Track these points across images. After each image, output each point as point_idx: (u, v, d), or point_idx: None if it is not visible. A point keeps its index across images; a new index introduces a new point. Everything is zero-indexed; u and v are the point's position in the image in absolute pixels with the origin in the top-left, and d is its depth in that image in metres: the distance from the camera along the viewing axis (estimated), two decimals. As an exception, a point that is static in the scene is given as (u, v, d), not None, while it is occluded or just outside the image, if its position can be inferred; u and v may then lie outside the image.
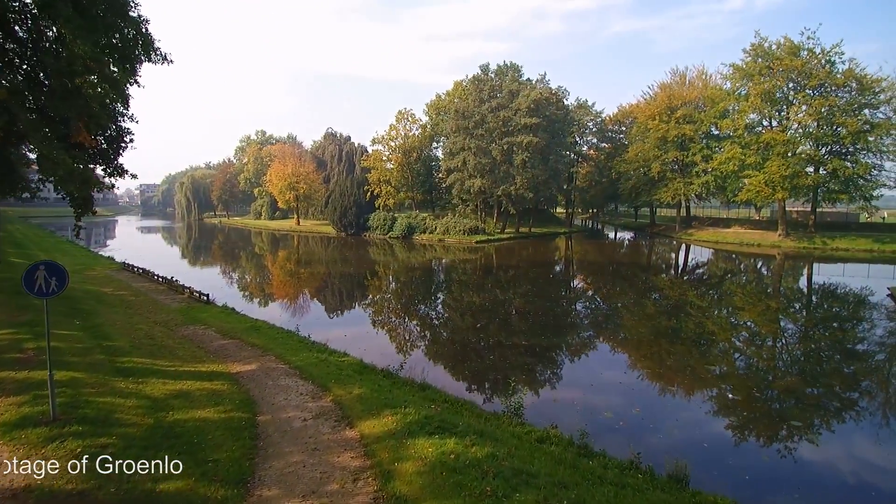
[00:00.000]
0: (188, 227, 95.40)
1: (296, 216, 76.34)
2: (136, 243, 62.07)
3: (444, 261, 42.94)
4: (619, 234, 71.42)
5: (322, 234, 64.76)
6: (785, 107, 49.67)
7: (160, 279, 24.12)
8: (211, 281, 29.27)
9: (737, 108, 51.49)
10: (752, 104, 48.49)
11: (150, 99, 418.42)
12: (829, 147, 48.26)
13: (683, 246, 53.60)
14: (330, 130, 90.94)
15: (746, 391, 12.94)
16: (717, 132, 56.83)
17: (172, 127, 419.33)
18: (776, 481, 8.54)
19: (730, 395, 12.62)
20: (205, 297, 19.80)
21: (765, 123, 52.05)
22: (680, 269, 40.27)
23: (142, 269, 27.08)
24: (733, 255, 47.04)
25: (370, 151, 67.10)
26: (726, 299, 26.57)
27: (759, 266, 41.19)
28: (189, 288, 21.23)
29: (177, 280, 23.16)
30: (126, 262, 30.01)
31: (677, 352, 16.51)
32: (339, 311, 22.81)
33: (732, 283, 32.71)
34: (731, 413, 11.66)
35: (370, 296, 27.03)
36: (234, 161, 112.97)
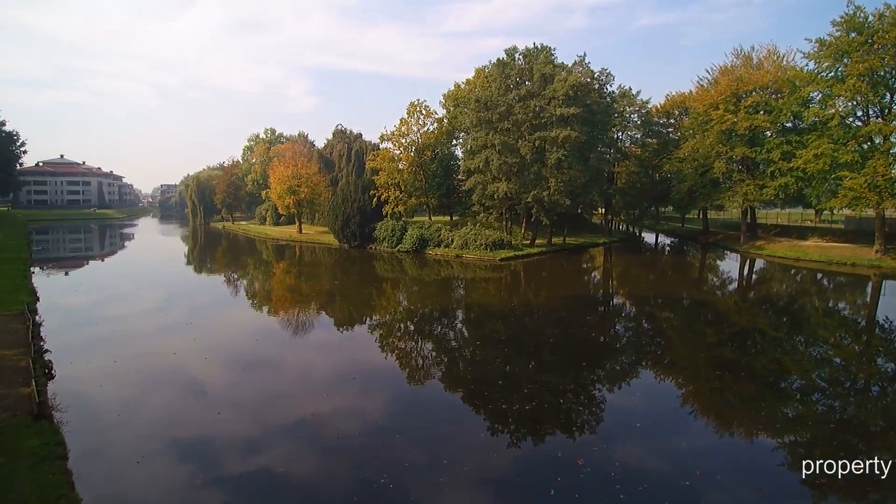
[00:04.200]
0: (193, 232, 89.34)
1: (297, 223, 68.48)
2: (109, 262, 55.41)
3: (459, 291, 34.25)
4: (668, 244, 61.47)
5: (323, 244, 56.78)
6: (888, 93, 39.56)
7: (30, 348, 16.08)
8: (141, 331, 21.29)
9: (828, 92, 41.43)
10: (852, 88, 38.38)
11: (175, 97, 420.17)
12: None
13: (758, 263, 43.69)
14: (340, 127, 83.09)
15: None
16: (790, 124, 46.77)
17: (196, 127, 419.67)
18: None
19: None
20: (35, 410, 11.53)
21: (859, 113, 41.98)
22: (791, 305, 30.55)
23: (31, 322, 19.15)
24: (832, 279, 37.25)
25: (380, 149, 58.69)
26: None
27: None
28: (34, 382, 12.98)
29: (46, 353, 15.14)
30: (28, 305, 22.16)
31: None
32: (279, 411, 14.11)
33: None
34: None
35: (341, 371, 17.94)
36: (242, 161, 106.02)
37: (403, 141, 53.21)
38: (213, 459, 10.70)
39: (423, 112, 52.91)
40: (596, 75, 46.56)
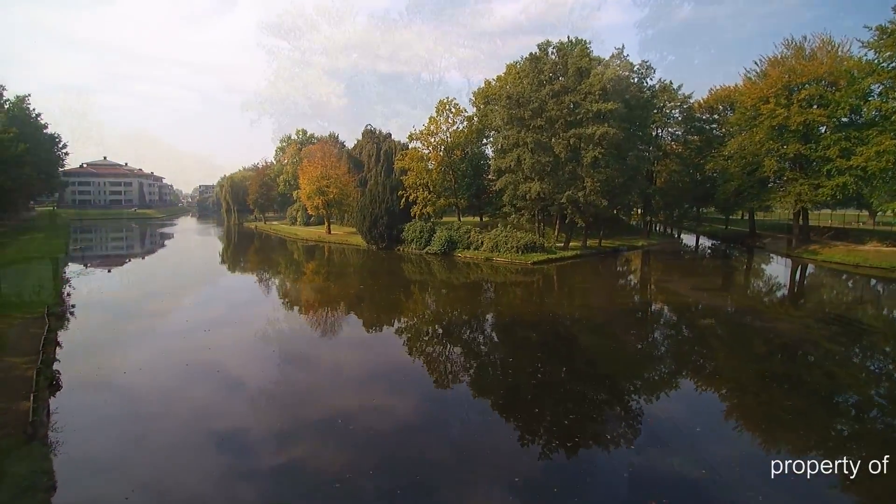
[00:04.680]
0: (227, 232, 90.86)
1: (326, 223, 68.26)
2: (143, 262, 56.04)
3: (489, 294, 32.71)
4: (711, 248, 58.13)
5: (351, 245, 56.12)
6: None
7: (39, 356, 15.53)
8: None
9: (890, 84, 38.07)
10: (920, 77, 35.22)
11: (214, 101, 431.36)
12: None
13: (814, 269, 40.56)
14: (369, 127, 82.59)
15: None
16: (846, 119, 43.26)
17: (233, 129, 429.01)
18: None
19: None
20: (29, 430, 10.77)
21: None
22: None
23: (47, 326, 18.75)
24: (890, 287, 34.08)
25: (408, 149, 57.64)
26: None
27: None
28: (32, 397, 12.26)
29: (56, 362, 14.52)
30: (49, 308, 21.85)
31: None
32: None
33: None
34: None
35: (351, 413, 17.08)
36: (274, 162, 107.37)
37: (432, 140, 51.99)
38: (209, 498, 9.58)
39: (453, 110, 51.56)
40: (635, 68, 44.18)
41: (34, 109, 64.07)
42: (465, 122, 52.80)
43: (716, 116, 56.49)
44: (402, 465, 10.61)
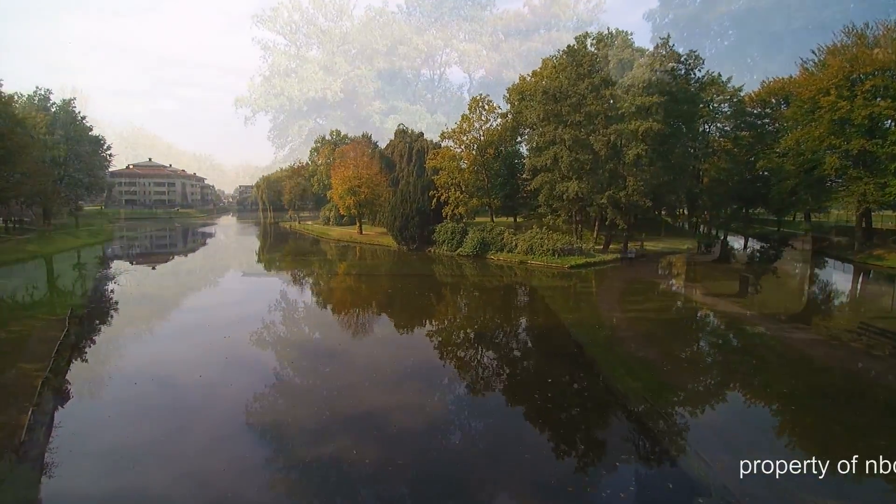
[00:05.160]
0: (262, 232, 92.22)
1: (358, 224, 67.83)
2: (177, 262, 56.69)
3: (523, 298, 31.07)
4: (763, 251, 54.33)
5: (382, 246, 55.37)
6: None
7: (48, 364, 14.99)
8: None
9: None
10: None
11: (254, 104, 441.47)
12: None
13: (881, 276, 37.08)
14: (401, 127, 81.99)
15: None
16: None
17: (271, 131, 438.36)
18: None
19: None
20: (21, 451, 9.99)
21: None
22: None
23: (65, 331, 18.33)
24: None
25: (441, 148, 56.41)
26: None
27: None
28: (30, 413, 11.55)
29: (69, 369, 13.88)
30: (73, 310, 21.58)
31: None
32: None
33: None
34: None
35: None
36: (309, 163, 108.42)
37: (465, 139, 50.55)
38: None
39: (486, 108, 49.99)
40: (682, 59, 41.44)
41: (79, 112, 66.13)
42: (499, 120, 51.20)
43: (768, 111, 52.90)
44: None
